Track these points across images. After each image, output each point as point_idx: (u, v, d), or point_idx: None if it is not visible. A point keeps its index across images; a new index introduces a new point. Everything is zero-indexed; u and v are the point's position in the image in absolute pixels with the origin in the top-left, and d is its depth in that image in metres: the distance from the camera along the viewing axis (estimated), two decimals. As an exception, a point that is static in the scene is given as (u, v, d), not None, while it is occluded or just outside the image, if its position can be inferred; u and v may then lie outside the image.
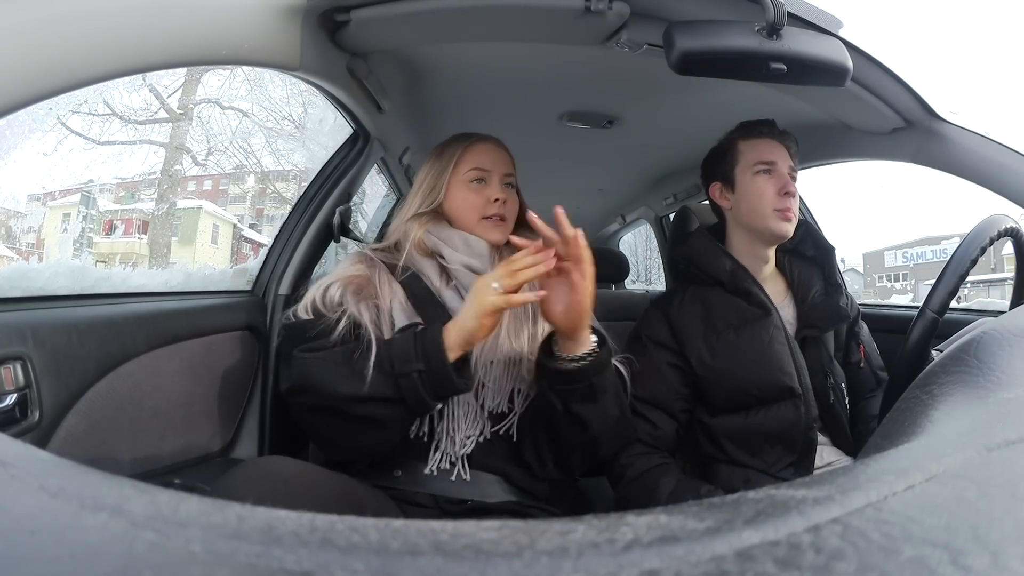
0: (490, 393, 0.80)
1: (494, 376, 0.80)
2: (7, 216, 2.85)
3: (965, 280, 0.80)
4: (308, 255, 1.15)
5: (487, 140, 0.92)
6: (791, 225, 0.95)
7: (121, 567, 0.13)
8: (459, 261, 0.84)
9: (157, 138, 3.19)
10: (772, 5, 0.69)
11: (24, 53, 0.45)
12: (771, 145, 0.97)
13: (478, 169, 0.88)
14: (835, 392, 0.94)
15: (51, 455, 0.19)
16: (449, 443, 0.78)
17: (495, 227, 0.87)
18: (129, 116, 2.96)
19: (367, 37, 0.85)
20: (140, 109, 3.02)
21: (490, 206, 0.86)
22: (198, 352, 0.91)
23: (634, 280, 3.07)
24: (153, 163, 3.34)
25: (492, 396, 0.80)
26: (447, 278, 0.86)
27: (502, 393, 0.80)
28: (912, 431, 0.29)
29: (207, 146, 3.46)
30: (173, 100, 3.09)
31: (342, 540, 0.14)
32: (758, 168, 0.96)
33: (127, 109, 2.96)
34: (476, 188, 0.87)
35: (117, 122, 2.92)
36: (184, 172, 3.54)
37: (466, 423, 0.79)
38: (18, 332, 0.62)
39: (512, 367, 0.81)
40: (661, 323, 0.98)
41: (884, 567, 0.13)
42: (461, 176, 0.88)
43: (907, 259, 17.84)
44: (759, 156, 0.96)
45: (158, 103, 3.04)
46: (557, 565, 0.13)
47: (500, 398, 0.80)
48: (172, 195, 3.52)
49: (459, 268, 0.84)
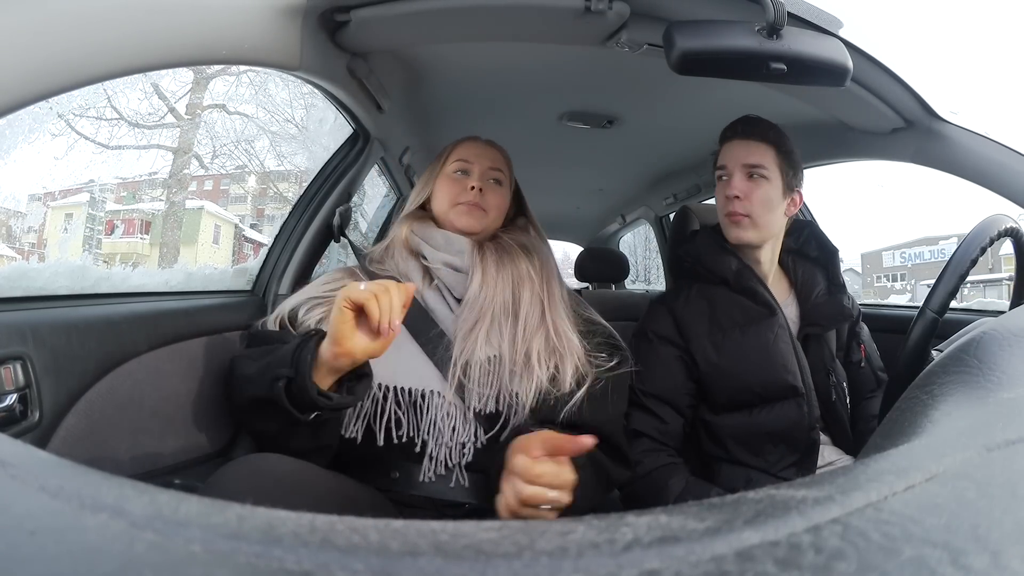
0: (475, 396, 0.76)
1: (474, 377, 0.76)
2: (7, 216, 2.86)
3: (965, 280, 0.80)
4: (308, 255, 1.15)
5: (477, 138, 0.93)
6: (739, 229, 0.94)
7: (121, 567, 0.13)
8: (440, 259, 0.84)
9: (164, 142, 3.21)
10: (772, 5, 0.69)
11: (24, 53, 0.45)
12: (730, 147, 0.96)
13: (461, 160, 0.89)
14: (837, 391, 0.95)
15: (51, 455, 0.19)
16: (441, 450, 0.75)
17: (466, 212, 0.86)
18: (137, 120, 2.98)
19: (367, 37, 0.85)
20: (147, 114, 3.04)
21: (465, 193, 0.86)
22: (198, 352, 0.91)
23: (633, 280, 3.07)
24: (159, 165, 3.35)
25: (478, 399, 0.76)
26: (429, 278, 0.85)
27: (487, 394, 0.77)
28: (912, 431, 0.29)
29: (212, 148, 3.48)
30: (180, 104, 3.11)
31: (342, 540, 0.14)
32: (718, 174, 0.97)
33: (135, 113, 2.98)
34: (457, 178, 0.89)
35: (124, 126, 2.94)
36: (191, 175, 3.55)
37: (450, 427, 0.76)
38: (18, 332, 0.62)
39: (492, 367, 0.77)
40: (666, 319, 0.98)
41: (884, 567, 0.13)
42: (446, 170, 0.90)
43: (905, 259, 17.86)
44: (719, 161, 0.98)
45: (164, 108, 3.06)
46: (557, 565, 0.13)
47: (486, 399, 0.77)
48: (175, 196, 3.53)
49: (440, 267, 0.83)
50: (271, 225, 4.44)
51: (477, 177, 0.88)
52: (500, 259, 0.84)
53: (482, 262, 0.83)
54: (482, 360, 0.77)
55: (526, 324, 0.80)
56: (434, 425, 0.76)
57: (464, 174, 0.89)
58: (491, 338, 0.79)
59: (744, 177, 0.94)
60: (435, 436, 0.76)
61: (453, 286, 0.84)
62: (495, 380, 0.77)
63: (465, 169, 0.89)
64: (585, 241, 2.96)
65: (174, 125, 3.13)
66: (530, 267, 0.85)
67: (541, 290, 0.83)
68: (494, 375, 0.77)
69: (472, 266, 0.83)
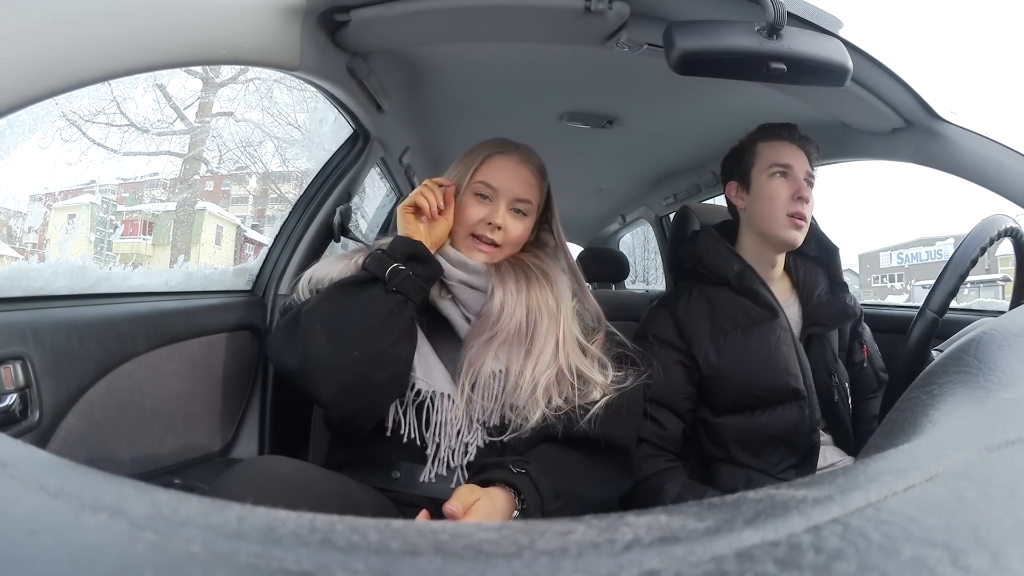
0: (478, 408, 0.77)
1: (479, 389, 0.77)
2: (7, 216, 2.86)
3: (965, 280, 0.80)
4: (308, 255, 1.15)
5: (511, 154, 0.86)
6: (801, 233, 0.95)
7: (121, 567, 0.13)
8: (457, 277, 0.83)
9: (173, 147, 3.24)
10: (772, 5, 0.69)
11: (24, 53, 0.45)
12: (789, 148, 0.97)
13: (486, 185, 0.84)
14: (839, 391, 0.95)
15: (51, 455, 0.19)
16: (446, 451, 0.77)
17: (479, 249, 0.84)
18: (146, 127, 3.00)
19: (367, 37, 0.85)
20: (156, 121, 3.06)
21: (483, 225, 0.83)
22: (198, 352, 0.91)
23: (633, 280, 3.07)
24: (159, 166, 3.37)
25: (481, 411, 0.77)
26: (444, 288, 0.84)
27: (491, 408, 0.78)
28: (912, 431, 0.29)
29: (218, 153, 3.50)
30: (190, 112, 3.14)
31: (342, 540, 0.14)
32: (774, 170, 0.96)
33: (144, 120, 3.01)
34: (479, 203, 0.84)
35: (132, 131, 2.97)
36: (199, 179, 3.57)
37: (455, 430, 0.77)
38: (18, 332, 0.62)
39: (497, 383, 0.78)
40: (668, 322, 0.98)
41: (884, 567, 0.13)
42: (473, 186, 0.85)
43: (902, 260, 17.91)
44: (776, 158, 0.96)
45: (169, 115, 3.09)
46: (557, 565, 0.13)
47: (490, 412, 0.78)
48: (178, 197, 3.54)
49: (457, 284, 0.83)
50: (271, 225, 4.44)
51: (501, 213, 0.83)
52: (518, 280, 0.83)
53: (502, 282, 0.82)
54: (487, 375, 0.77)
55: (538, 358, 0.78)
56: (442, 427, 0.77)
57: (486, 199, 0.84)
58: (500, 355, 0.79)
59: (806, 184, 0.96)
60: (443, 438, 0.77)
61: (468, 303, 0.83)
62: (500, 395, 0.78)
63: (489, 195, 0.84)
64: (585, 241, 2.96)
65: (183, 132, 3.15)
66: (548, 297, 0.82)
67: (555, 324, 0.81)
68: (499, 390, 0.78)
69: (492, 285, 0.82)
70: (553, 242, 0.92)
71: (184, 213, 3.58)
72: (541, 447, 0.76)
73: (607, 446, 0.77)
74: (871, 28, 7.20)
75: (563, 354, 0.79)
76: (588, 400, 0.77)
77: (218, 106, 3.19)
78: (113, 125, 2.85)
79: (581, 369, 0.79)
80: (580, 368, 0.79)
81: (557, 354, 0.79)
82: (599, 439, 0.76)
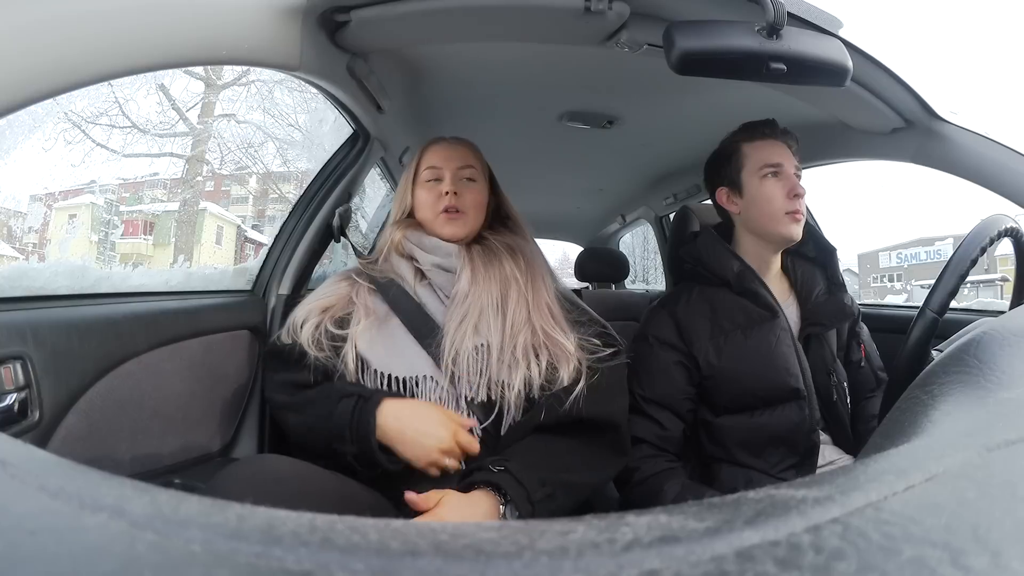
0: (464, 384, 0.79)
1: (463, 366, 0.80)
2: (8, 216, 2.86)
3: (965, 280, 0.80)
4: (308, 255, 1.15)
5: (442, 140, 0.97)
6: (800, 227, 0.96)
7: (121, 567, 0.13)
8: (430, 262, 0.89)
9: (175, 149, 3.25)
10: (772, 5, 0.69)
11: (24, 53, 0.45)
12: (775, 146, 0.97)
13: (431, 168, 0.93)
14: (838, 391, 0.95)
15: (51, 455, 0.19)
16: None
17: (448, 221, 0.90)
18: (148, 128, 3.02)
19: (367, 37, 0.85)
20: (159, 123, 3.08)
21: (442, 199, 0.90)
22: (198, 352, 0.91)
23: (632, 280, 3.07)
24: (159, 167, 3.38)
25: (468, 386, 0.79)
26: (421, 276, 0.90)
27: (477, 382, 0.80)
28: (912, 431, 0.29)
29: (220, 154, 3.51)
30: (192, 114, 3.15)
31: (342, 540, 0.14)
32: (765, 171, 0.96)
33: (146, 122, 3.02)
34: (432, 187, 0.92)
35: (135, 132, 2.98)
36: (200, 180, 3.58)
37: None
38: (18, 332, 0.62)
39: (481, 356, 0.81)
40: (668, 323, 0.98)
41: (884, 567, 0.13)
42: (420, 179, 0.94)
43: (901, 260, 17.92)
44: (766, 159, 0.96)
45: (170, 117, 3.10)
46: (557, 565, 0.13)
47: (476, 387, 0.79)
48: (179, 198, 3.55)
49: (430, 268, 0.89)
50: (271, 225, 4.44)
51: (449, 182, 0.91)
52: (487, 260, 0.89)
53: (470, 262, 0.88)
54: (470, 349, 0.80)
55: (513, 322, 0.83)
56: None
57: (437, 181, 0.92)
58: (480, 329, 0.82)
59: (796, 177, 0.96)
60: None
61: (443, 286, 0.88)
62: (484, 368, 0.80)
63: (437, 176, 0.92)
64: (585, 241, 2.96)
65: (185, 133, 3.16)
66: (515, 268, 0.89)
67: (526, 290, 0.87)
68: (483, 363, 0.80)
69: (460, 267, 0.87)
70: (512, 216, 0.99)
71: (185, 213, 3.59)
72: (527, 440, 0.77)
73: (597, 426, 0.79)
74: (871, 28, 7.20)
75: (536, 318, 0.84)
76: (567, 369, 0.80)
77: (220, 108, 3.20)
78: (116, 127, 2.86)
79: (554, 335, 0.83)
80: (552, 333, 0.83)
81: (529, 317, 0.84)
82: (587, 420, 0.78)
